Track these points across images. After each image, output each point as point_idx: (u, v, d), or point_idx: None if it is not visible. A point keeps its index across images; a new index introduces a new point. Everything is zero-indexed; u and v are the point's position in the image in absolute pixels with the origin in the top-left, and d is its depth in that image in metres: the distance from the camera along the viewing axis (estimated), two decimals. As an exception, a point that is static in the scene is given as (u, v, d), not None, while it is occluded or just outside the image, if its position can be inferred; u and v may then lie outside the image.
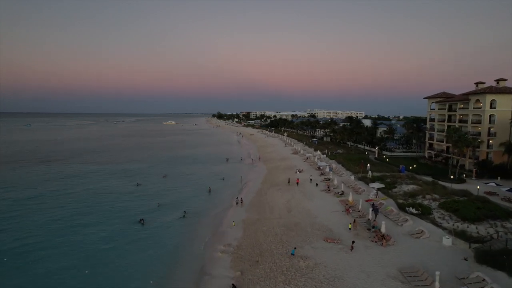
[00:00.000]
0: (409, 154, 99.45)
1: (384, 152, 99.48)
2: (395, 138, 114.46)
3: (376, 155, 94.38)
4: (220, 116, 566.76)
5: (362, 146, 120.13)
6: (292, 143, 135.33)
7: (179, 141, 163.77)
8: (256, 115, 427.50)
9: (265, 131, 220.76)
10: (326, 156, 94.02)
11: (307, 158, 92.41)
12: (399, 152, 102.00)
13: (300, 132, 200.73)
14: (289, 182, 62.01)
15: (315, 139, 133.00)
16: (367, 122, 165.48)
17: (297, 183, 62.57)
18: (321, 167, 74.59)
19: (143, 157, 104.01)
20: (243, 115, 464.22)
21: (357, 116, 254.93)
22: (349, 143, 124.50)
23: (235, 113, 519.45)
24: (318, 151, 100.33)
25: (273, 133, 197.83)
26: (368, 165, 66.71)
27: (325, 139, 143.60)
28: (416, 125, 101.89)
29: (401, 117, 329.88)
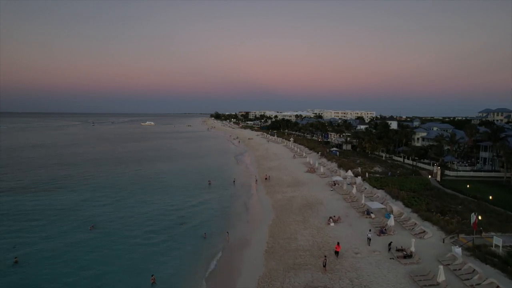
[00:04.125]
0: (483, 174, 66.55)
1: (447, 173, 66.54)
2: (449, 149, 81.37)
3: (439, 178, 61.53)
4: (217, 116, 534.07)
5: (400, 159, 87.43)
6: (303, 153, 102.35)
7: (155, 149, 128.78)
8: (256, 115, 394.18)
9: (266, 134, 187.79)
10: (364, 179, 61.05)
11: (335, 184, 59.44)
12: (466, 171, 69.13)
13: (308, 136, 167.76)
14: (325, 265, 28.84)
15: (335, 149, 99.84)
16: (393, 125, 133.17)
17: (337, 253, 30.29)
18: (371, 212, 41.67)
19: (87, 178, 70.70)
20: (242, 115, 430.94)
21: (373, 118, 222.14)
22: (384, 155, 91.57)
23: (233, 113, 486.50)
24: (349, 170, 67.19)
25: (275, 137, 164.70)
26: (479, 217, 33.40)
27: (344, 146, 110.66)
28: (492, 131, 68.95)
29: (403, 117, 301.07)
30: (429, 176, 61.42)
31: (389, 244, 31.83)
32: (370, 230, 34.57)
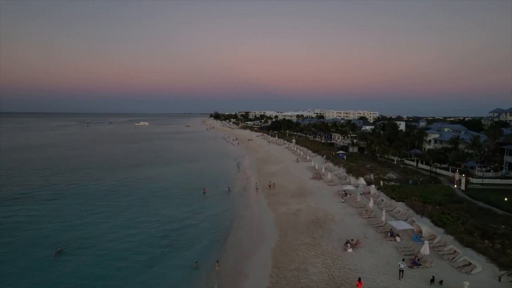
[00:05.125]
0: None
1: (470, 180, 59.21)
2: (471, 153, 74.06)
3: (463, 187, 54.24)
4: (217, 116, 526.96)
5: (413, 163, 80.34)
6: (307, 156, 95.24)
7: (148, 151, 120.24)
8: (255, 115, 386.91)
9: (266, 134, 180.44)
10: (379, 189, 53.83)
11: (346, 194, 52.23)
12: (491, 178, 61.85)
13: (310, 137, 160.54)
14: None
15: (341, 152, 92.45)
16: (401, 126, 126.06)
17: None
18: (397, 234, 34.42)
19: (66, 186, 63.18)
20: (241, 115, 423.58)
21: (378, 117, 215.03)
22: (395, 159, 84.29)
23: (233, 113, 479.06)
24: (360, 177, 59.99)
25: (276, 138, 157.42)
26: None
27: (351, 149, 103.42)
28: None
29: (404, 117, 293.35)
30: (455, 186, 54.01)
31: (432, 281, 24.77)
32: (403, 260, 27.36)
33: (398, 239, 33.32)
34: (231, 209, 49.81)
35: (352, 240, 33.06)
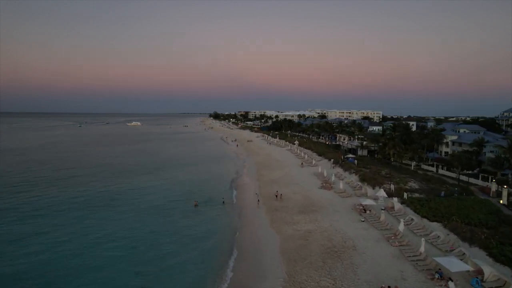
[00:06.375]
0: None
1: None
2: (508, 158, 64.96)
3: (505, 200, 45.16)
4: (216, 116, 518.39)
5: (432, 169, 71.46)
6: (312, 160, 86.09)
7: (139, 154, 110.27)
8: (255, 115, 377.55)
9: (266, 135, 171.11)
10: (403, 202, 44.77)
11: (365, 211, 43.14)
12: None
13: (314, 138, 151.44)
14: None
15: (351, 156, 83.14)
16: (413, 126, 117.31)
17: None
18: (450, 278, 25.30)
19: (29, 198, 54.10)
20: (241, 115, 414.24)
21: (380, 117, 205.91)
22: (412, 163, 75.18)
23: (233, 113, 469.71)
24: (378, 187, 50.96)
25: (277, 139, 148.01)
26: None
27: (360, 151, 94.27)
28: None
29: (404, 116, 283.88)
30: (500, 202, 44.79)
31: None
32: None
33: (451, 285, 24.19)
34: (226, 228, 40.74)
35: (389, 287, 23.95)
